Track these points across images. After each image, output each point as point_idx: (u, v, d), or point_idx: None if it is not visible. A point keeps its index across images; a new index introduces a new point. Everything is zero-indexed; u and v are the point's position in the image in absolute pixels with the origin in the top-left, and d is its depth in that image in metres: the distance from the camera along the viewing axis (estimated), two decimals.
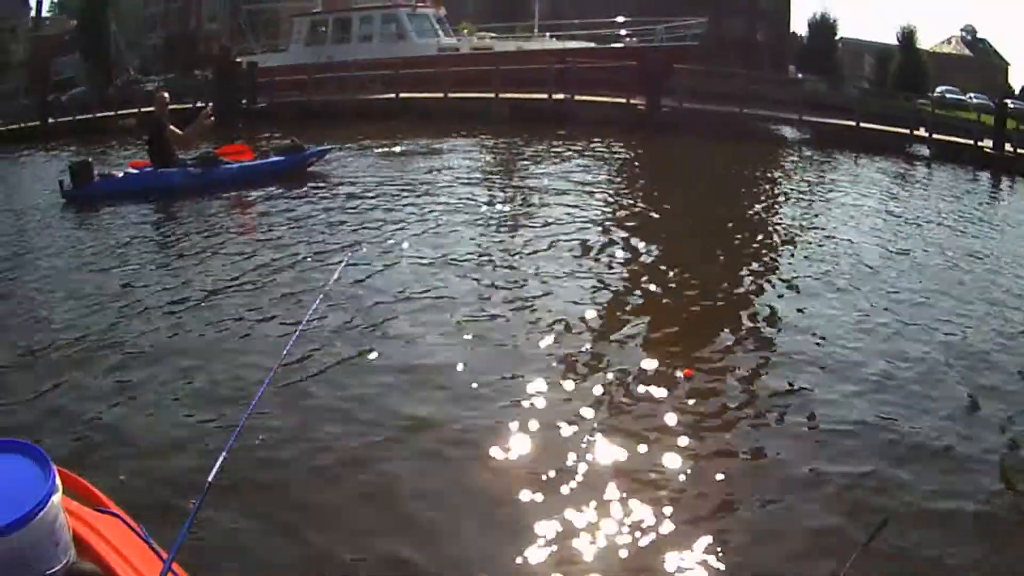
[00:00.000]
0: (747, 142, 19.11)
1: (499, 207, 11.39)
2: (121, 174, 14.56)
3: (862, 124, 21.47)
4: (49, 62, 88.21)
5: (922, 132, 21.10)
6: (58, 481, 2.18)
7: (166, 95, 15.30)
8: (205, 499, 2.66)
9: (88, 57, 73.73)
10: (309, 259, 8.97)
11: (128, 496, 3.95)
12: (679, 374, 5.55)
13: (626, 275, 8.08)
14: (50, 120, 42.50)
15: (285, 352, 3.81)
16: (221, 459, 2.80)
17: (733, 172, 15.34)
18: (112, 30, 67.09)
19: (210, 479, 2.70)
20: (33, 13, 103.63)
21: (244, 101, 29.72)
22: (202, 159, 14.44)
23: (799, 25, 66.74)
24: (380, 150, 18.43)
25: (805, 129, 21.67)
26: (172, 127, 14.48)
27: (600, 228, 9.89)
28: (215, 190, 13.87)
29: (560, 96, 21.80)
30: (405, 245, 9.38)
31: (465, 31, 38.50)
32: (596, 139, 17.34)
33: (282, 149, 15.51)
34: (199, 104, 31.36)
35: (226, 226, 11.58)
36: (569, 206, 11.05)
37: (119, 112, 37.61)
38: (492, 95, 23.09)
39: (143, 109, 31.05)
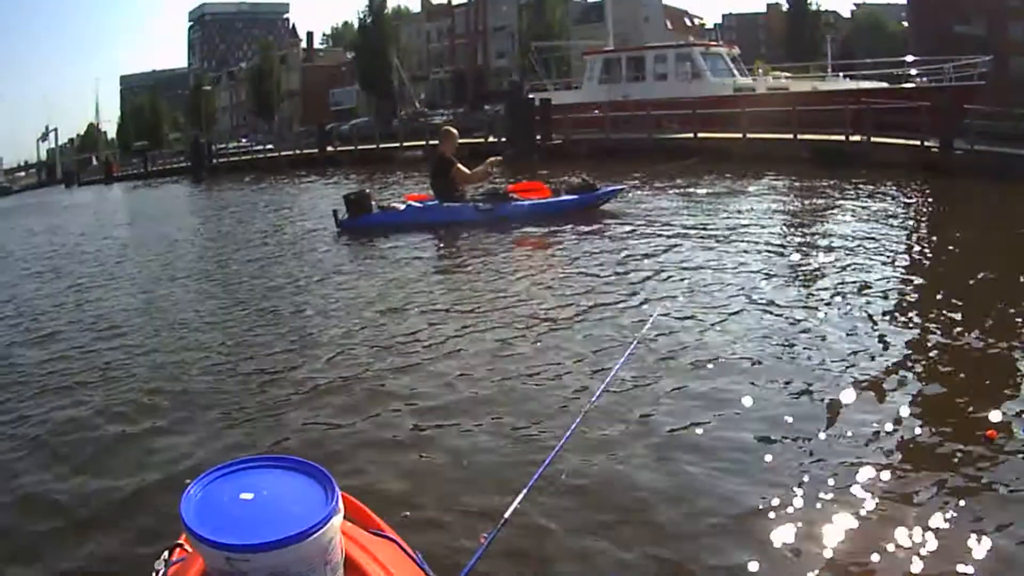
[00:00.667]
0: None
1: (804, 258, 10.63)
2: (403, 206, 14.75)
3: None
4: (326, 92, 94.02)
5: None
6: (340, 504, 2.31)
7: (454, 131, 15.32)
8: (498, 534, 2.73)
9: (368, 89, 78.17)
10: (609, 306, 8.51)
11: (414, 524, 4.16)
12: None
13: (925, 330, 7.26)
14: (328, 148, 45.53)
15: (593, 401, 3.91)
16: (521, 496, 2.86)
17: None
18: (394, 63, 71.09)
19: (507, 515, 2.79)
20: (304, 44, 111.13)
21: (539, 137, 30.45)
22: (492, 195, 14.38)
23: None
24: (677, 190, 18.13)
25: None
26: (460, 165, 14.42)
27: (901, 282, 9.15)
28: (502, 227, 13.60)
29: (857, 138, 21.06)
30: (707, 298, 8.65)
31: (760, 71, 38.36)
32: (893, 182, 16.51)
33: (574, 187, 15.21)
34: (491, 139, 32.67)
35: (516, 265, 11.23)
36: (873, 257, 10.31)
37: (404, 144, 39.41)
38: (791, 136, 22.61)
39: (430, 142, 32.01)
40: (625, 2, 65.31)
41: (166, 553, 2.78)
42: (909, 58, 32.29)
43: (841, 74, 36.12)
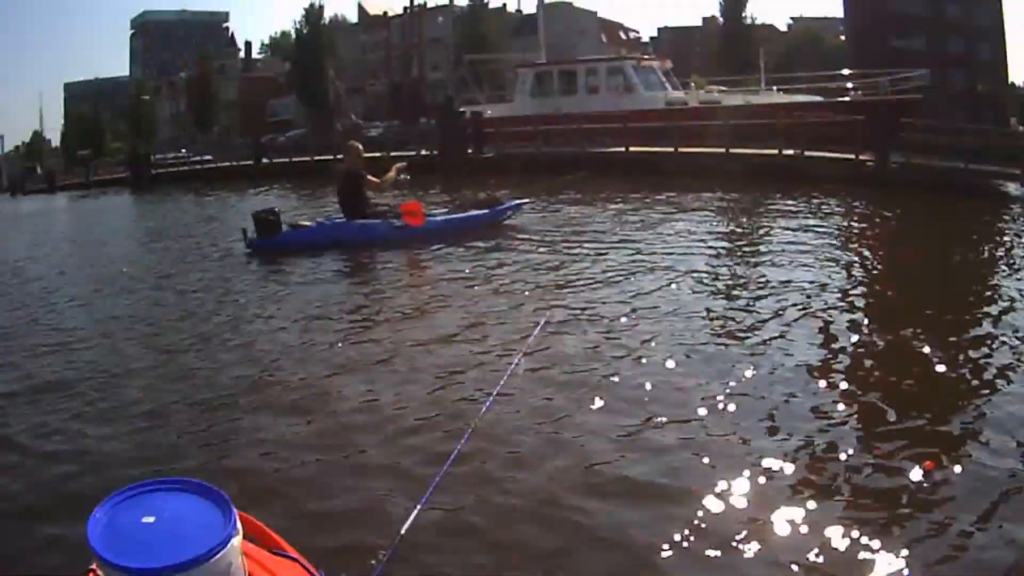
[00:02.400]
0: (970, 199, 17.83)
1: (729, 271, 10.64)
2: (313, 223, 14.46)
3: None
4: (264, 103, 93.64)
5: None
6: (239, 524, 2.23)
7: (358, 144, 15.06)
8: (396, 552, 2.75)
9: (305, 100, 77.93)
10: (505, 318, 8.70)
11: (310, 543, 3.96)
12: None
13: (863, 349, 7.14)
14: (263, 160, 45.12)
15: (482, 412, 3.87)
16: (415, 513, 2.87)
17: (966, 232, 14.11)
18: (330, 75, 70.63)
19: (403, 531, 2.80)
20: (243, 54, 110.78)
21: (470, 151, 30.32)
22: (378, 214, 14.17)
23: (1018, 75, 64.65)
24: (603, 204, 18.01)
25: None
26: (369, 176, 14.25)
27: (832, 298, 9.00)
28: (411, 244, 13.66)
29: (790, 152, 20.97)
30: (604, 308, 8.77)
31: (693, 84, 38.38)
32: (827, 197, 16.46)
33: (480, 202, 15.41)
34: (423, 152, 32.75)
35: (420, 281, 11.53)
36: (800, 269, 10.31)
37: (338, 156, 38.92)
38: (723, 150, 22.40)
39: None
40: (559, 16, 65.61)
41: None
42: (845, 71, 32.57)
43: (775, 87, 36.42)
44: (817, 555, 3.88)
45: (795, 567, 3.81)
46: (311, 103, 75.47)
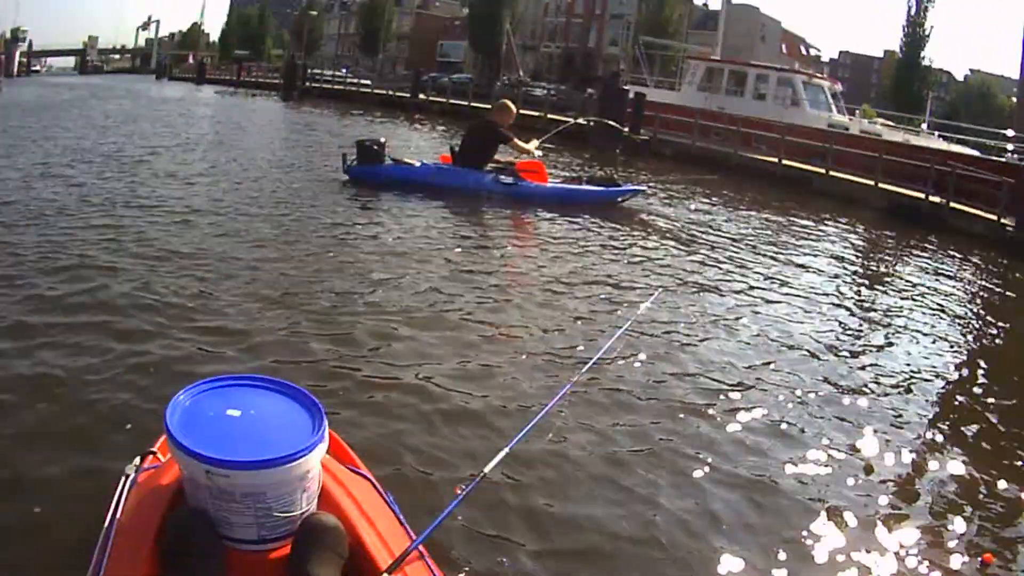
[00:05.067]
0: None
1: (858, 309, 9.91)
2: (418, 163, 14.30)
3: None
4: (435, 43, 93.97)
5: None
6: (326, 437, 2.35)
7: (511, 105, 14.66)
8: (475, 489, 2.77)
9: (476, 47, 78.04)
10: (612, 290, 8.79)
11: (394, 469, 4.29)
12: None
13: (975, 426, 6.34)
14: (420, 96, 45.84)
15: (579, 375, 4.00)
16: (502, 455, 2.90)
17: None
18: (506, 28, 71.08)
19: (486, 470, 2.82)
20: None
21: (627, 129, 30.32)
22: (501, 170, 13.92)
23: None
24: (743, 210, 17.89)
25: None
26: (517, 140, 14.01)
27: (940, 356, 8.30)
28: (518, 205, 13.51)
29: (936, 199, 20.44)
30: (718, 306, 8.74)
31: (859, 113, 37.82)
32: (964, 252, 16.02)
33: (597, 180, 15.07)
34: (580, 120, 32.68)
35: (530, 242, 11.47)
36: (918, 320, 9.68)
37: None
38: (872, 182, 22.24)
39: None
40: (743, 17, 64.65)
41: (138, 459, 2.85)
42: (1010, 132, 31.49)
43: (936, 133, 35.35)
44: None
45: None
46: (481, 50, 75.82)
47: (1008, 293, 13.07)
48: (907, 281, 12.45)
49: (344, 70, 67.83)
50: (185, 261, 8.15)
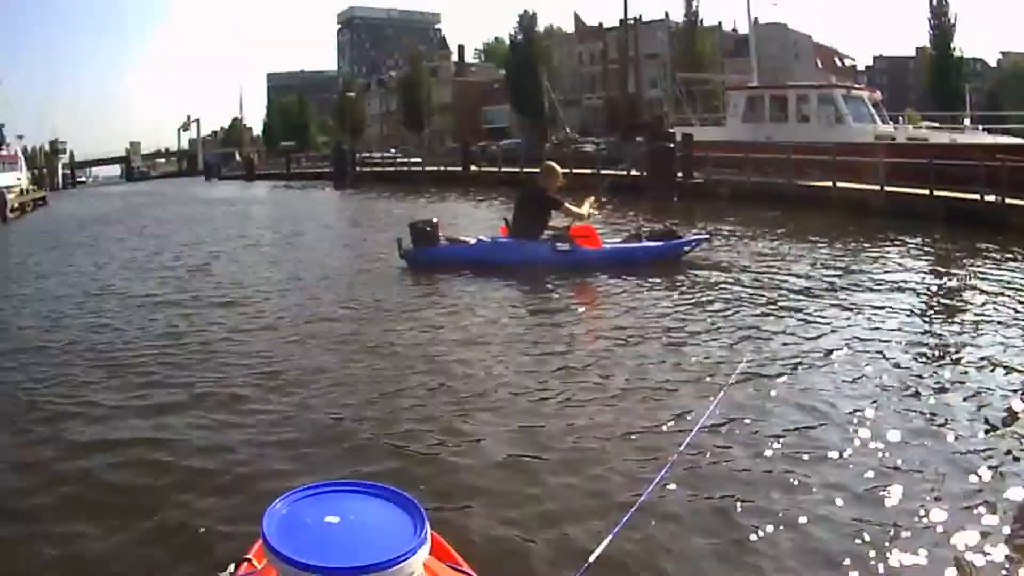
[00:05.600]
0: None
1: (939, 339, 9.63)
2: (473, 240, 14.31)
3: None
4: (478, 110, 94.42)
5: None
6: (428, 539, 2.23)
7: (558, 168, 14.64)
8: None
9: (519, 109, 78.77)
10: (693, 358, 8.54)
11: (496, 564, 4.16)
12: None
13: None
14: (472, 167, 46.63)
15: (682, 446, 3.74)
16: (609, 538, 2.80)
17: None
18: (545, 85, 72.01)
19: (593, 557, 2.69)
20: (455, 57, 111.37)
21: (680, 175, 30.53)
22: (557, 238, 13.70)
23: None
24: (796, 244, 17.72)
25: None
26: (566, 203, 13.85)
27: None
28: (579, 272, 13.32)
29: (992, 198, 20.23)
30: (807, 360, 8.38)
31: (903, 119, 37.54)
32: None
33: (656, 234, 14.81)
34: (633, 172, 32.68)
35: (593, 312, 11.34)
36: (997, 339, 9.29)
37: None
38: (927, 192, 22.22)
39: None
40: (773, 37, 64.89)
41: (232, 566, 2.82)
42: None
43: (980, 127, 34.88)
44: None
45: None
46: (525, 112, 76.58)
47: None
48: (980, 291, 12.24)
49: (392, 150, 69.15)
50: (265, 367, 8.50)
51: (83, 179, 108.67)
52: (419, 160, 56.51)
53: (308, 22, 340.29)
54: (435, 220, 14.63)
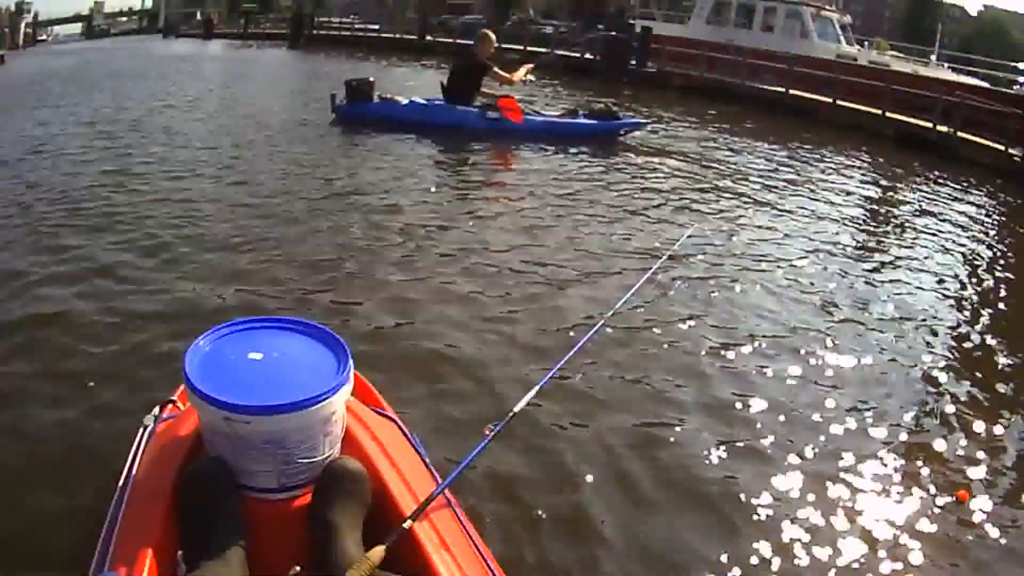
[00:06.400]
0: None
1: (856, 235, 9.98)
2: (405, 101, 14.20)
3: None
4: None
5: None
6: (351, 379, 2.26)
7: (492, 35, 14.67)
8: (505, 428, 2.64)
9: None
10: (637, 227, 8.66)
11: (416, 407, 4.22)
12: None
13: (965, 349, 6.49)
14: (427, 37, 45.62)
15: (617, 306, 3.90)
16: (531, 394, 2.79)
17: None
18: None
19: (516, 409, 2.70)
20: None
21: (633, 63, 30.30)
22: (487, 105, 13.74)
23: None
24: (744, 139, 17.72)
25: None
26: (497, 69, 13.83)
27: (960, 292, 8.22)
28: (508, 139, 13.35)
29: (944, 128, 20.23)
30: (744, 236, 8.74)
31: (868, 45, 37.52)
32: (971, 181, 15.88)
33: (595, 113, 14.75)
34: (587, 56, 32.49)
35: (529, 179, 10.99)
36: (927, 250, 9.60)
37: (501, 45, 38.51)
38: (880, 112, 22.02)
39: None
40: None
41: (157, 408, 2.84)
42: (1022, 65, 31.20)
43: (946, 65, 35.22)
44: None
45: None
46: None
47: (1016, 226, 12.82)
48: (915, 208, 12.51)
49: (353, 16, 67.82)
50: (186, 208, 8.28)
51: (43, 37, 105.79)
52: (376, 27, 54.75)
53: None
54: (371, 79, 14.63)
